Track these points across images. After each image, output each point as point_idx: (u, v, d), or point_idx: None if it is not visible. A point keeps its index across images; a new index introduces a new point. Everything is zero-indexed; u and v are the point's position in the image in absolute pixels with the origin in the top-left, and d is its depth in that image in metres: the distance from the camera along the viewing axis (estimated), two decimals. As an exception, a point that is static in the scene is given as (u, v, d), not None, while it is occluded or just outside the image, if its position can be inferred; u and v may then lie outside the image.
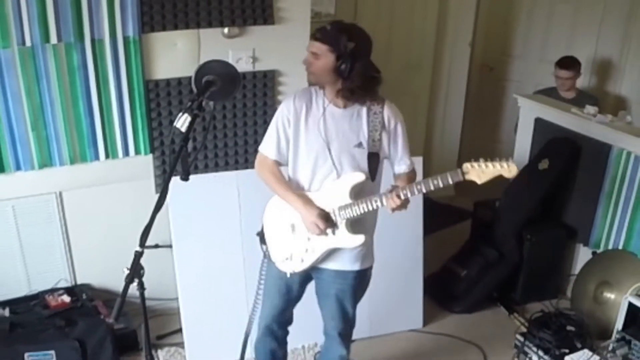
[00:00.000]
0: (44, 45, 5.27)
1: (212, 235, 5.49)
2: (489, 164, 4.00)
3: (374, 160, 4.36)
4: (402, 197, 4.14)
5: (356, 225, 4.40)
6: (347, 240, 4.40)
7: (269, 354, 5.06)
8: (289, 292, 4.78)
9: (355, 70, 4.17)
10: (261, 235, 4.81)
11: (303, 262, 4.53)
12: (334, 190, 4.37)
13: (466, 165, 4.03)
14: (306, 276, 4.74)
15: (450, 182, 4.08)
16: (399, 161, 4.50)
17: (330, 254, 4.50)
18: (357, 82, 4.22)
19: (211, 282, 5.69)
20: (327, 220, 4.34)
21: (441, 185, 4.09)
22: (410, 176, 4.51)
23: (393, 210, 4.19)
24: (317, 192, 4.46)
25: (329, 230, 4.37)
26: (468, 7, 8.92)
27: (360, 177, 4.31)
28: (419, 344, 6.40)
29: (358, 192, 4.31)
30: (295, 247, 4.55)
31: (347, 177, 4.34)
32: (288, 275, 4.63)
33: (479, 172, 4.03)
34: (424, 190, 4.18)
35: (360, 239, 4.36)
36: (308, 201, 4.40)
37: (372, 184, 4.40)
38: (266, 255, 4.79)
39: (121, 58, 5.57)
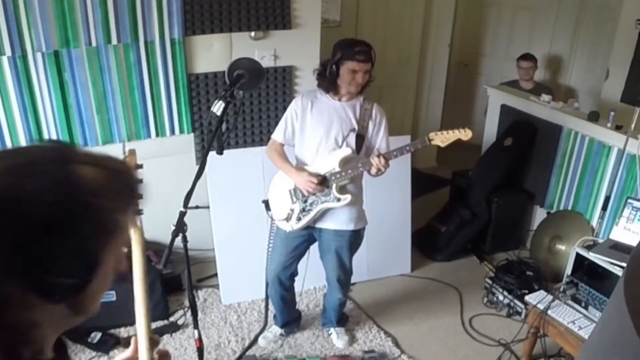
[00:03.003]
0: (107, 45, 5.26)
1: (241, 198, 5.49)
2: (450, 131, 4.48)
3: (360, 140, 4.62)
4: (383, 159, 4.36)
5: (344, 189, 4.62)
6: (337, 200, 4.60)
7: (280, 298, 5.22)
8: (294, 250, 4.95)
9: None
10: (266, 203, 4.98)
11: (300, 221, 4.73)
12: (327, 160, 4.59)
13: (431, 134, 4.47)
14: (309, 237, 4.92)
15: (419, 146, 4.51)
16: (378, 147, 4.67)
17: (326, 214, 4.72)
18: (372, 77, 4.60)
19: (240, 236, 5.69)
20: (318, 178, 4.54)
21: (412, 150, 4.56)
22: None
23: (376, 172, 4.42)
24: (313, 165, 4.67)
25: (321, 191, 4.58)
26: (447, 15, 8.86)
27: (347, 151, 4.58)
28: (408, 286, 6.39)
29: (345, 162, 4.55)
30: (294, 209, 4.73)
31: (338, 151, 4.58)
32: (287, 231, 4.81)
33: (442, 138, 4.47)
34: (399, 155, 4.49)
35: (347, 197, 4.58)
36: (300, 169, 4.64)
37: (356, 157, 4.61)
38: (272, 219, 4.97)
39: (168, 56, 5.55)
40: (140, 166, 2.22)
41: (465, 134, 4.47)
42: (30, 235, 1.17)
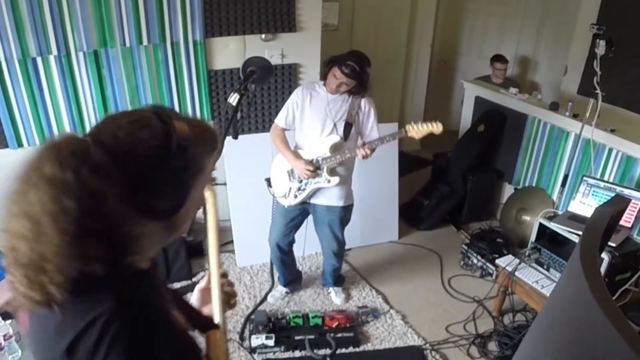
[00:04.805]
0: (139, 45, 5.25)
1: (253, 176, 5.46)
2: (423, 125, 4.45)
3: (348, 128, 4.61)
4: (368, 148, 4.43)
5: (334, 171, 4.66)
6: (327, 181, 4.66)
7: (280, 261, 5.28)
8: (292, 221, 5.01)
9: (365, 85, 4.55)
10: (268, 180, 5.04)
11: (296, 198, 4.78)
12: (319, 146, 4.63)
13: (407, 126, 4.48)
14: (304, 211, 4.98)
15: (397, 137, 4.60)
16: (370, 132, 4.70)
17: (319, 192, 4.77)
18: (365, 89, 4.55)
19: (252, 208, 5.69)
20: (313, 166, 4.59)
21: (392, 140, 4.61)
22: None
23: (363, 157, 4.48)
24: (308, 149, 4.70)
25: (314, 176, 4.63)
26: (429, 20, 8.84)
27: (336, 138, 4.60)
28: (395, 251, 6.40)
29: (335, 148, 4.59)
30: (291, 187, 4.78)
31: (328, 137, 4.60)
32: (286, 206, 4.87)
33: (417, 130, 4.46)
34: (379, 144, 4.53)
35: (336, 179, 4.64)
36: (298, 156, 4.68)
37: (345, 143, 4.63)
38: (272, 195, 5.02)
39: (191, 55, 5.53)
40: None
41: (436, 128, 4.44)
42: (141, 170, 1.40)
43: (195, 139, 1.53)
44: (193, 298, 2.12)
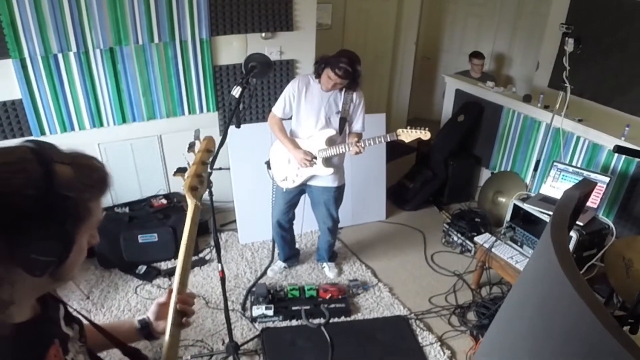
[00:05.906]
0: (150, 43, 5.23)
1: (254, 162, 5.46)
2: (413, 130, 4.39)
3: (343, 122, 4.59)
4: (360, 146, 4.44)
5: (328, 162, 4.68)
6: (322, 171, 4.68)
7: (281, 238, 5.31)
8: (290, 201, 5.02)
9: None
10: (267, 163, 5.03)
11: (294, 182, 4.82)
12: (316, 138, 4.62)
13: (399, 130, 4.42)
14: (300, 191, 4.99)
15: (389, 139, 4.44)
16: (355, 123, 4.68)
17: (313, 177, 4.78)
18: (357, 84, 4.49)
19: (254, 190, 5.69)
20: (310, 155, 4.59)
21: (383, 141, 4.47)
22: (359, 135, 4.69)
23: (356, 153, 4.48)
24: (306, 140, 4.68)
25: (310, 163, 4.62)
26: (414, 20, 8.83)
27: (332, 132, 4.59)
28: (383, 229, 6.41)
29: (331, 141, 4.59)
30: (289, 173, 4.80)
31: (324, 131, 4.60)
32: (284, 190, 4.89)
33: (407, 134, 4.42)
34: (372, 144, 4.47)
35: (330, 170, 4.68)
36: (296, 145, 4.67)
37: (340, 137, 4.63)
38: (271, 178, 5.03)
39: (198, 52, 5.51)
40: (212, 151, 2.21)
41: (425, 135, 4.41)
42: (15, 223, 1.16)
43: (80, 185, 1.27)
44: (150, 311, 1.92)
